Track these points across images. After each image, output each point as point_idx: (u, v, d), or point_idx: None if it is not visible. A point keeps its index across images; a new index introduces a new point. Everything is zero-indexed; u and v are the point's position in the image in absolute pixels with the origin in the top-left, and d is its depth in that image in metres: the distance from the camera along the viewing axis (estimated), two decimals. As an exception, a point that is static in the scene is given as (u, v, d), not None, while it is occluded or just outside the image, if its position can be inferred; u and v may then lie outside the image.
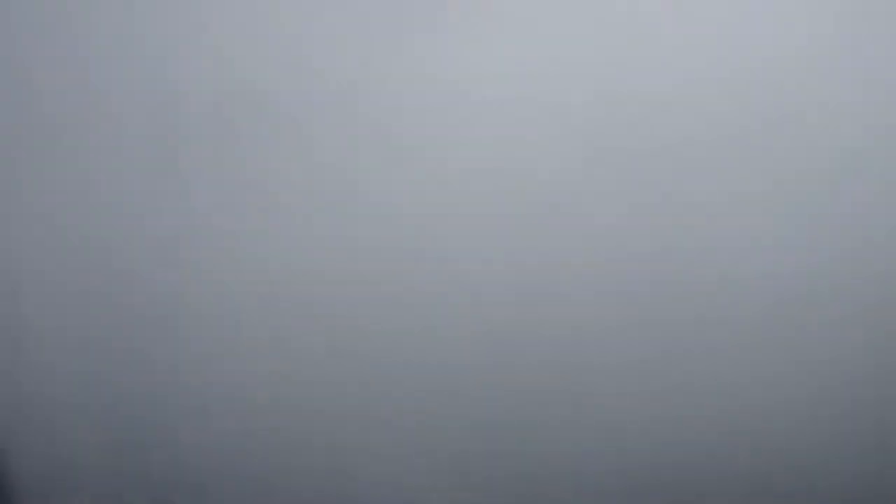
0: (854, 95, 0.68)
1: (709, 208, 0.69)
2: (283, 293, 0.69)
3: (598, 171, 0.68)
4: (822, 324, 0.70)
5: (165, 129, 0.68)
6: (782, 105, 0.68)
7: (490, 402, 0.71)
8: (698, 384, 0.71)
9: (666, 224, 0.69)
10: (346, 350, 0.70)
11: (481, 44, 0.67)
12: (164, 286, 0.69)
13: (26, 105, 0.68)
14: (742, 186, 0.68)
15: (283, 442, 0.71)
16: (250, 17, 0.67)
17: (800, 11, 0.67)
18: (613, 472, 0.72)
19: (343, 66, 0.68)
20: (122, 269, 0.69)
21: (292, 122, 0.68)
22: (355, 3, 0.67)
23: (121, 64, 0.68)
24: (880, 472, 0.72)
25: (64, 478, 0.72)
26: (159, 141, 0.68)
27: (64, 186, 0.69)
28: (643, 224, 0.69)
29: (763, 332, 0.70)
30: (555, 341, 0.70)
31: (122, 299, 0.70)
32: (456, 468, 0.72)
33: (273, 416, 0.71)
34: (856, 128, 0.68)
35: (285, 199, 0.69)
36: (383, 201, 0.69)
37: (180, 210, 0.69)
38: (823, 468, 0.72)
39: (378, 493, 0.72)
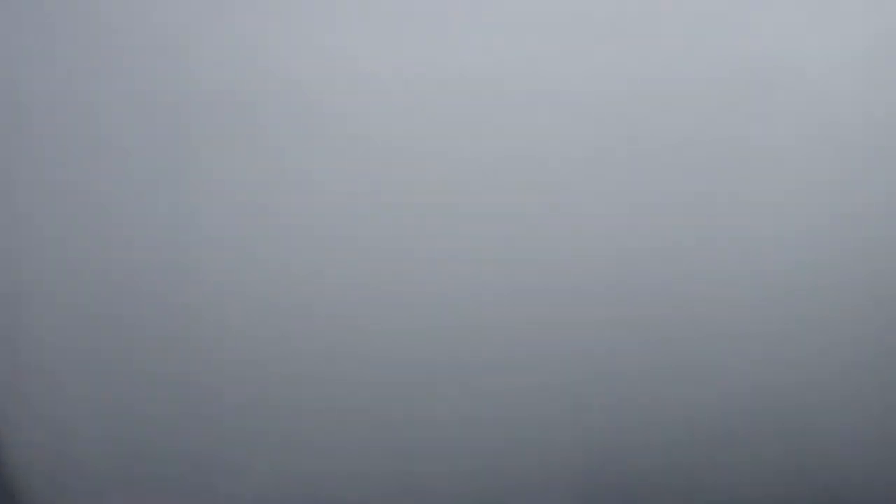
0: (855, 95, 0.68)
1: (709, 208, 0.69)
2: (283, 294, 0.69)
3: (598, 172, 0.68)
4: (823, 323, 0.70)
5: (166, 132, 0.68)
6: (783, 105, 0.68)
7: (489, 402, 0.71)
8: (698, 384, 0.71)
9: (667, 224, 0.69)
10: (346, 350, 0.70)
11: (481, 43, 0.67)
12: (164, 287, 0.69)
13: (25, 108, 0.68)
14: (742, 187, 0.68)
15: (284, 441, 0.71)
16: (250, 19, 0.67)
17: (800, 12, 0.67)
18: (612, 473, 0.72)
19: (342, 66, 0.68)
20: (122, 270, 0.69)
21: (291, 122, 0.68)
22: (356, 1, 0.67)
23: (121, 68, 0.68)
24: (881, 467, 0.72)
25: (66, 478, 0.72)
26: (159, 144, 0.68)
27: (63, 188, 0.69)
28: (643, 224, 0.69)
29: (764, 332, 0.70)
30: (554, 341, 0.70)
31: (123, 299, 0.70)
32: (455, 468, 0.72)
33: (274, 415, 0.71)
34: (856, 127, 0.68)
35: (285, 200, 0.69)
36: (383, 201, 0.69)
37: (180, 212, 0.69)
38: (824, 468, 0.72)
39: (377, 493, 0.72)
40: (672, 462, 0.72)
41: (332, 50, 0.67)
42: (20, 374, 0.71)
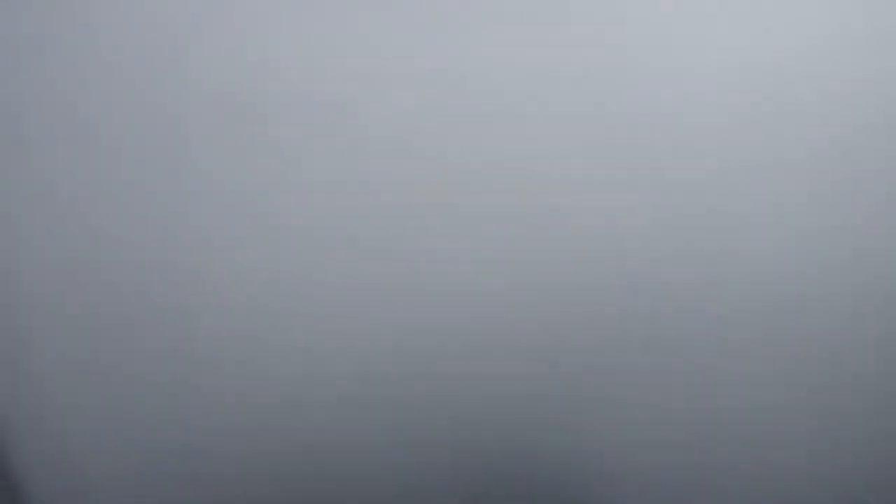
0: (857, 96, 0.68)
1: (709, 208, 0.69)
2: (282, 294, 0.69)
3: (598, 172, 0.68)
4: (825, 324, 0.70)
5: (164, 132, 0.68)
6: (784, 107, 0.68)
7: (489, 401, 0.71)
8: (699, 385, 0.71)
9: (667, 224, 0.69)
10: (345, 349, 0.70)
11: (482, 43, 0.67)
12: (164, 288, 0.69)
13: (23, 108, 0.68)
14: (744, 188, 0.69)
15: (284, 441, 0.71)
16: (249, 19, 0.67)
17: (802, 12, 0.67)
18: (612, 475, 0.72)
19: (341, 67, 0.68)
20: (122, 271, 0.69)
21: (291, 122, 0.68)
22: (358, 2, 0.67)
23: (120, 67, 0.68)
24: (881, 468, 0.72)
25: (67, 482, 0.72)
26: (158, 144, 0.68)
27: (62, 188, 0.69)
28: (644, 225, 0.69)
29: (763, 332, 0.70)
30: (554, 340, 0.70)
31: (122, 301, 0.70)
32: (455, 467, 0.72)
33: (273, 415, 0.71)
34: (857, 128, 0.68)
35: (285, 200, 0.69)
36: (383, 201, 0.69)
37: (179, 213, 0.69)
38: (822, 469, 0.72)
39: (378, 493, 0.72)
40: (672, 461, 0.72)
41: (332, 49, 0.67)
42: (19, 379, 0.71)
